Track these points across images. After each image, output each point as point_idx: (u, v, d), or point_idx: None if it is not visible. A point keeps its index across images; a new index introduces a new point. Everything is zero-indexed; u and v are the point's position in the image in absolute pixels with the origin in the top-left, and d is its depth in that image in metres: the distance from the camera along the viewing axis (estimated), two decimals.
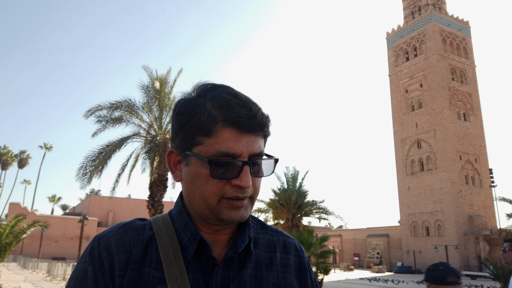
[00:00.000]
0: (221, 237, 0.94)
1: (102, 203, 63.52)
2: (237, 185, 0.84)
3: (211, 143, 0.85)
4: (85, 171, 16.36)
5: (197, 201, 0.88)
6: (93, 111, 17.04)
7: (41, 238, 43.70)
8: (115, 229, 0.91)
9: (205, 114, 0.86)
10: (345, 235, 71.11)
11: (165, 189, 17.57)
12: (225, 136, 0.84)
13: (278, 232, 1.05)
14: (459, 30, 64.31)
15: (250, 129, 0.86)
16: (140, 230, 0.92)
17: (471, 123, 60.06)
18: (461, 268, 50.47)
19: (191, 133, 0.87)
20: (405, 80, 63.66)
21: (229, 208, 0.86)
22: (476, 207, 56.08)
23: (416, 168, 59.34)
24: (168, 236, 0.91)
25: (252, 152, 0.86)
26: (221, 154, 0.84)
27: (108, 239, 0.88)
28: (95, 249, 0.87)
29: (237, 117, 0.85)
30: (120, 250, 0.87)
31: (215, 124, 0.85)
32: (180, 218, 0.93)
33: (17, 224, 15.87)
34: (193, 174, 0.87)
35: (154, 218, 0.96)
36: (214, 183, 0.85)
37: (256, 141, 0.87)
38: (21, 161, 73.64)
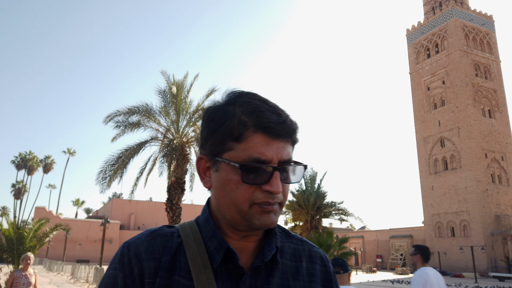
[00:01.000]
0: (248, 245, 0.93)
1: (124, 206, 64.54)
2: (268, 190, 0.84)
3: (241, 149, 0.85)
4: (104, 175, 16.65)
5: (228, 206, 0.87)
6: (111, 116, 17.35)
7: (66, 241, 44.71)
8: (144, 235, 0.91)
9: (235, 120, 0.86)
10: (367, 237, 70.06)
11: (183, 192, 17.69)
12: (255, 142, 0.85)
13: (303, 241, 1.05)
14: (482, 24, 62.54)
15: (280, 135, 0.86)
16: (169, 237, 0.92)
17: (496, 120, 58.27)
18: (489, 269, 48.94)
19: (221, 139, 0.87)
20: (426, 77, 62.32)
21: (261, 213, 0.85)
22: (503, 206, 54.30)
23: (439, 167, 57.94)
24: (196, 244, 0.90)
25: (281, 158, 0.86)
26: (252, 160, 0.84)
27: (137, 245, 0.88)
28: (125, 255, 0.87)
29: (268, 122, 0.85)
30: (149, 257, 0.87)
31: (245, 129, 0.85)
32: (207, 226, 0.93)
33: (40, 227, 16.23)
34: (224, 179, 0.87)
35: (181, 225, 0.96)
36: (245, 188, 0.85)
37: (285, 147, 0.88)
38: (46, 166, 75.68)
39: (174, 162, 16.87)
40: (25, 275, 7.13)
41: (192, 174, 19.84)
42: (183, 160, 17.73)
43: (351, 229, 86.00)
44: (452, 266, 53.27)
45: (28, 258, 7.28)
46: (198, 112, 18.49)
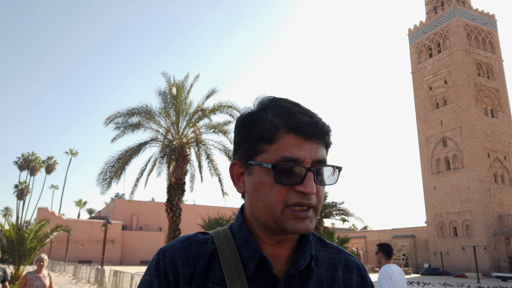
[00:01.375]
0: (282, 252, 0.92)
1: (126, 207, 64.67)
2: (301, 191, 0.83)
3: (273, 150, 0.86)
4: (105, 177, 16.69)
5: (261, 210, 0.87)
6: (112, 118, 17.40)
7: (68, 241, 44.87)
8: (179, 242, 0.92)
9: (267, 123, 0.87)
10: (369, 237, 69.95)
11: (183, 193, 17.71)
12: (288, 142, 0.85)
13: (339, 250, 1.03)
14: (485, 24, 62.34)
15: (312, 135, 0.86)
16: (203, 244, 0.92)
17: (499, 119, 58.07)
18: (491, 269, 48.76)
19: (254, 142, 0.88)
20: (428, 77, 62.18)
21: (293, 218, 0.84)
22: (506, 206, 54.10)
23: (442, 167, 57.79)
24: (230, 251, 0.90)
25: (315, 158, 0.86)
26: (285, 160, 0.84)
27: (172, 252, 0.89)
28: (161, 262, 0.88)
29: (299, 123, 0.86)
30: (184, 263, 0.88)
31: (277, 131, 0.86)
32: (241, 233, 0.93)
33: (41, 228, 16.31)
34: (257, 183, 0.87)
35: (215, 232, 0.96)
36: (278, 190, 0.84)
37: (318, 148, 0.87)
38: (48, 167, 75.93)
39: (173, 163, 16.89)
40: (38, 277, 6.80)
41: (193, 175, 19.83)
42: (183, 161, 17.76)
43: (353, 229, 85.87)
44: (454, 266, 53.10)
45: (42, 260, 6.95)
46: (198, 113, 18.51)
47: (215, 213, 19.71)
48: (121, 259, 60.12)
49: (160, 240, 62.70)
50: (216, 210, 23.06)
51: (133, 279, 16.62)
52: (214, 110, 18.13)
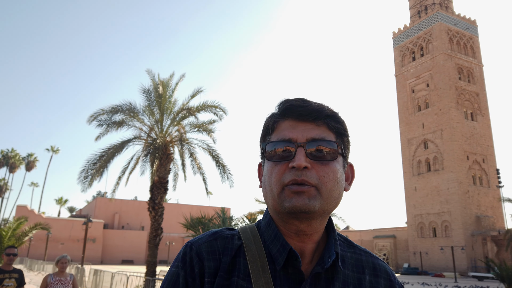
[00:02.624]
0: (306, 247, 0.92)
1: (108, 205, 63.87)
2: (292, 166, 0.86)
3: (273, 137, 0.92)
4: (86, 174, 16.47)
5: (268, 196, 0.90)
6: (95, 116, 17.19)
7: (47, 240, 44.07)
8: (206, 236, 0.94)
9: (269, 116, 0.96)
10: (351, 237, 70.73)
11: (166, 192, 17.60)
12: (282, 127, 0.91)
13: (367, 253, 1.02)
14: (466, 29, 63.74)
15: (304, 115, 0.90)
16: (229, 239, 0.94)
17: (478, 122, 59.46)
18: (468, 269, 49.93)
19: (262, 137, 0.96)
20: (411, 80, 63.24)
21: (291, 193, 0.85)
22: (483, 207, 55.48)
23: (423, 168, 58.88)
24: (256, 247, 0.92)
25: (309, 137, 0.89)
26: (277, 141, 0.90)
27: (199, 245, 0.91)
28: (187, 254, 0.90)
29: (291, 106, 0.91)
30: (210, 257, 0.90)
31: (276, 119, 0.93)
32: (269, 229, 0.94)
33: (19, 226, 16.01)
34: (264, 172, 0.93)
35: (242, 229, 0.98)
36: (276, 171, 0.88)
37: (315, 128, 0.90)
38: (28, 164, 74.39)
39: (157, 162, 16.79)
40: (60, 280, 6.04)
41: (176, 173, 19.72)
42: (167, 159, 17.65)
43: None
44: (433, 266, 54.20)
45: (65, 261, 6.15)
46: (183, 111, 18.43)
47: (198, 212, 19.68)
48: (102, 258, 59.34)
49: (143, 239, 62.13)
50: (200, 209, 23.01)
51: (113, 278, 16.49)
52: (199, 109, 18.09)
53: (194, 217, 16.97)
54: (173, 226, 57.59)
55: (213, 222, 12.01)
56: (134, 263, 59.54)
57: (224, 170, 17.94)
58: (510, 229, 36.90)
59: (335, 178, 0.89)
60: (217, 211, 12.81)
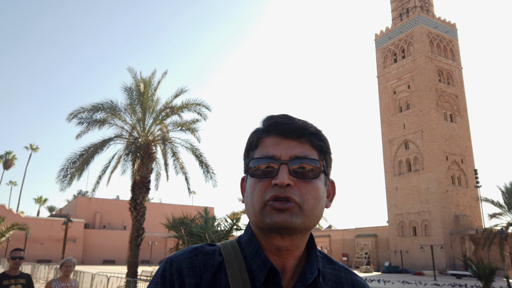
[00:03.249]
0: (287, 263, 0.92)
1: (89, 205, 62.83)
2: (275, 183, 0.86)
3: (257, 153, 0.93)
4: (65, 173, 16.18)
5: (250, 211, 0.91)
6: (75, 114, 16.90)
7: (26, 240, 43.05)
8: (187, 252, 0.92)
9: (253, 132, 0.96)
10: (333, 236, 71.43)
11: (148, 191, 17.44)
12: (266, 143, 0.92)
13: (346, 269, 1.03)
14: (446, 32, 65.04)
15: (288, 132, 0.91)
16: (210, 255, 0.93)
17: (457, 124, 60.77)
18: (447, 267, 51.03)
19: (246, 152, 0.96)
20: (393, 81, 64.19)
21: (272, 210, 0.86)
22: (462, 207, 56.75)
23: (403, 168, 59.85)
24: (237, 263, 0.91)
25: (293, 155, 0.89)
26: (261, 158, 0.90)
27: (180, 261, 0.89)
28: (167, 271, 0.88)
29: (275, 123, 0.92)
30: (191, 273, 0.88)
31: (259, 135, 0.94)
32: (250, 245, 0.93)
33: None
34: (247, 188, 0.93)
35: (223, 244, 0.97)
36: (259, 187, 0.88)
37: (298, 146, 0.91)
38: (6, 162, 72.54)
39: (138, 161, 16.61)
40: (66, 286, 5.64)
41: (158, 173, 19.54)
42: (149, 158, 17.48)
43: (318, 228, 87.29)
44: (413, 264, 55.18)
45: (70, 264, 5.68)
46: (166, 110, 18.27)
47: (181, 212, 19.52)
48: (83, 258, 58.34)
49: (124, 239, 61.31)
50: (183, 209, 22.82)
51: (93, 279, 16.24)
52: (182, 107, 17.95)
53: (177, 217, 16.87)
54: (156, 226, 56.97)
55: (195, 223, 11.92)
56: (116, 263, 58.74)
57: (208, 170, 17.88)
58: (487, 228, 37.83)
59: (317, 195, 0.90)
60: (199, 211, 12.73)
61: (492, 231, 36.55)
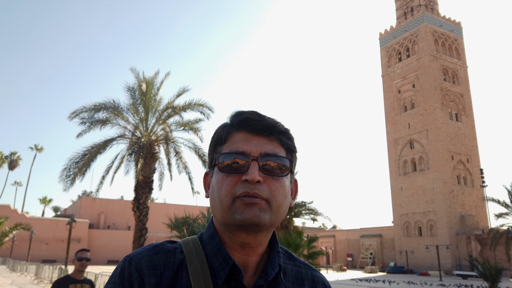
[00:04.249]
0: (250, 260, 0.92)
1: (93, 205, 62.98)
2: (245, 179, 0.86)
3: (225, 148, 0.91)
4: (68, 173, 16.16)
5: (217, 207, 0.89)
6: (77, 112, 16.87)
7: (30, 240, 43.20)
8: (146, 250, 0.90)
9: (221, 126, 0.95)
10: (338, 236, 71.13)
11: (151, 191, 17.38)
12: (236, 139, 0.91)
13: (306, 265, 1.05)
14: (451, 30, 64.57)
15: (257, 129, 0.91)
16: (171, 253, 0.91)
17: (463, 123, 60.31)
18: (453, 268, 50.62)
19: (213, 147, 0.95)
20: (397, 80, 63.82)
21: (242, 205, 0.85)
22: (468, 207, 56.30)
23: (408, 168, 59.49)
24: (198, 260, 0.90)
25: (263, 152, 0.90)
26: (231, 153, 0.90)
27: (139, 260, 0.87)
28: (126, 269, 0.86)
29: (246, 119, 0.92)
30: (150, 272, 0.86)
31: (228, 130, 0.93)
32: (212, 242, 0.93)
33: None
34: (214, 182, 0.92)
35: (184, 241, 0.96)
36: (227, 182, 0.87)
37: (268, 143, 0.91)
38: (11, 163, 72.91)
39: (141, 161, 16.57)
40: None
41: (161, 173, 19.49)
42: (152, 158, 17.43)
43: (323, 229, 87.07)
44: (418, 264, 54.80)
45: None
46: (168, 110, 18.20)
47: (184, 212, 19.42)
48: None
49: (129, 239, 61.35)
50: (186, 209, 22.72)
51: (97, 280, 16.19)
52: (185, 107, 17.89)
53: (179, 217, 16.81)
54: (159, 226, 56.93)
55: (198, 222, 11.84)
56: None
57: None
58: (494, 228, 37.50)
59: (284, 193, 0.90)
60: (202, 211, 12.65)
61: (499, 231, 36.23)
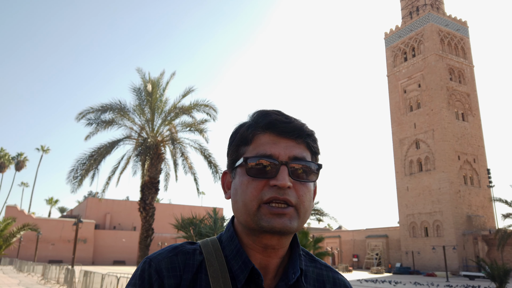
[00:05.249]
0: (271, 262, 0.90)
1: (99, 206, 63.32)
2: (274, 185, 0.83)
3: (251, 150, 0.88)
4: (76, 175, 16.23)
5: (240, 210, 0.87)
6: (84, 113, 16.96)
7: (37, 241, 43.51)
8: (166, 251, 0.90)
9: (246, 126, 0.92)
10: (344, 236, 70.89)
11: (157, 192, 17.42)
12: (263, 140, 0.88)
13: (327, 267, 1.03)
14: (457, 30, 64.16)
15: (285, 131, 0.88)
16: (191, 254, 0.90)
17: (469, 123, 59.89)
18: (460, 268, 50.26)
19: (236, 147, 0.92)
20: (403, 80, 63.51)
21: (270, 214, 0.83)
22: (474, 207, 55.88)
23: (414, 168, 59.17)
24: (217, 262, 0.89)
25: (291, 155, 0.87)
26: (259, 156, 0.86)
27: (159, 262, 0.87)
28: (146, 271, 0.86)
29: (274, 120, 0.89)
30: (170, 274, 0.86)
31: (254, 131, 0.90)
32: (231, 244, 0.91)
33: (7, 227, 15.72)
34: (237, 184, 0.89)
35: (203, 242, 0.95)
36: (253, 186, 0.85)
37: (296, 146, 0.89)
38: (18, 164, 73.47)
39: (148, 161, 16.62)
40: None
41: (167, 173, 19.54)
42: (158, 159, 17.48)
43: (328, 229, 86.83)
44: (425, 265, 54.47)
45: None
46: (174, 111, 18.25)
47: (190, 212, 19.43)
48: (94, 259, 58.78)
49: (134, 240, 61.64)
50: (192, 210, 22.74)
51: (103, 280, 16.26)
52: (191, 108, 17.92)
53: (186, 217, 16.84)
54: (165, 227, 57.15)
55: (204, 223, 11.85)
56: (126, 264, 59.05)
57: (217, 170, 17.80)
58: (501, 229, 37.19)
59: (310, 197, 0.89)
60: (208, 212, 12.65)
61: (506, 231, 35.93)
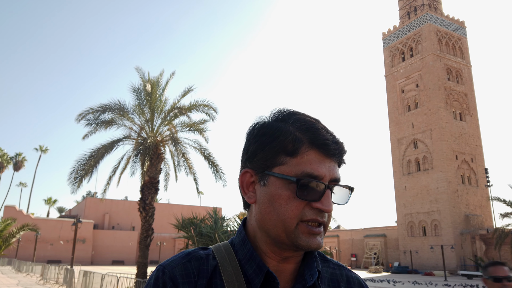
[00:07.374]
0: (287, 267, 0.90)
1: (98, 206, 63.26)
2: (318, 208, 0.83)
3: (295, 164, 0.84)
4: (76, 175, 16.23)
5: (274, 223, 0.84)
6: (84, 114, 16.94)
7: (36, 241, 43.44)
8: (179, 258, 0.89)
9: (291, 136, 0.86)
10: (342, 236, 71.06)
11: (157, 192, 17.44)
12: (310, 158, 0.85)
13: (340, 266, 1.03)
14: (455, 30, 64.38)
15: (333, 154, 0.87)
16: (204, 260, 0.89)
17: (467, 123, 60.12)
18: (458, 267, 50.47)
19: (274, 153, 0.86)
20: (401, 80, 63.70)
21: (308, 234, 0.83)
22: (472, 206, 56.11)
23: (412, 168, 59.37)
24: (231, 266, 0.88)
25: (333, 177, 0.86)
26: (305, 175, 0.83)
27: (172, 269, 0.86)
28: (160, 279, 0.85)
29: (324, 140, 0.86)
30: (185, 280, 0.85)
31: (300, 145, 0.85)
32: (244, 248, 0.90)
33: (6, 228, 15.73)
34: (272, 194, 0.85)
35: (216, 247, 0.94)
36: (295, 204, 0.83)
37: (335, 167, 0.88)
38: (16, 164, 73.32)
39: (147, 161, 16.63)
40: None
41: (167, 173, 19.57)
42: (157, 159, 17.50)
43: None
44: (423, 264, 54.68)
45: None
46: (174, 110, 18.27)
47: (189, 212, 19.49)
48: (92, 259, 58.75)
49: (133, 240, 61.66)
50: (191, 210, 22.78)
51: (103, 280, 16.30)
52: (190, 108, 17.94)
53: (186, 217, 16.86)
54: (164, 226, 57.24)
55: (204, 223, 11.89)
56: (124, 264, 59.04)
57: (217, 170, 17.83)
58: (499, 228, 37.35)
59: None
60: (208, 211, 12.69)
61: (504, 230, 36.09)
